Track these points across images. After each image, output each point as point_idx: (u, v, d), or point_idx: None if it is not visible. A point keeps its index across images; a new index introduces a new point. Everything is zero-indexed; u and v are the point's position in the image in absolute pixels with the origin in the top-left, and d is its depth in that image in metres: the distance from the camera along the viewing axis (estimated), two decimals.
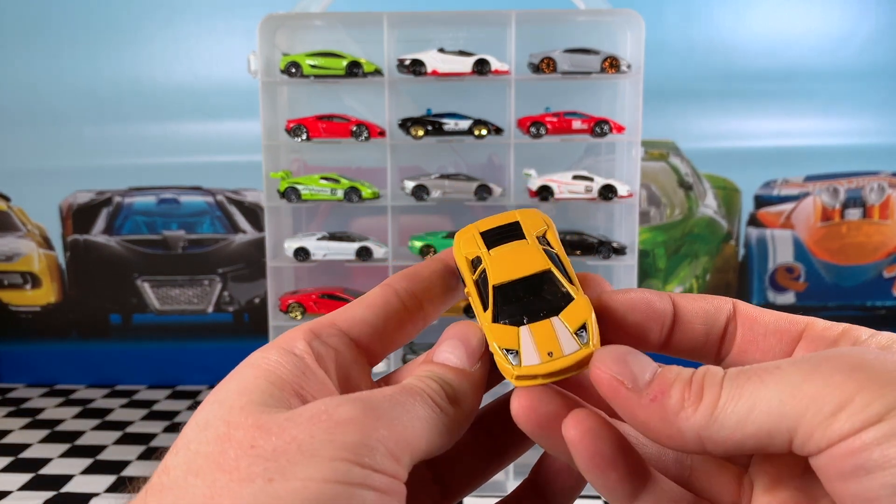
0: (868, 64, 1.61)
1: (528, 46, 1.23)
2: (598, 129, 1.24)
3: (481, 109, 1.27)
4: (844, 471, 0.21)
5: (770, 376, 0.22)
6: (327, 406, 0.23)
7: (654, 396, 0.24)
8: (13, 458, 1.31)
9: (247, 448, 0.22)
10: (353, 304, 0.30)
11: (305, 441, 0.22)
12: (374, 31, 1.23)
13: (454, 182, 1.26)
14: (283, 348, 0.26)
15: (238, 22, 1.62)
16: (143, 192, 1.70)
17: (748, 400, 0.22)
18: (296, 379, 0.25)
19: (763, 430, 0.22)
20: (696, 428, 0.23)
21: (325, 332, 0.28)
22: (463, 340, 0.29)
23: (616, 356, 0.25)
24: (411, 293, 0.31)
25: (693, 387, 0.23)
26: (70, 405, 1.60)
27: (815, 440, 0.21)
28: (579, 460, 0.25)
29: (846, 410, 0.21)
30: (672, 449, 0.25)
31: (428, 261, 0.33)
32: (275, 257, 1.28)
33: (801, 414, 0.21)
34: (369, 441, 0.22)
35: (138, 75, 1.65)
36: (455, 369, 0.28)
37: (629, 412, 0.24)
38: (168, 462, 0.23)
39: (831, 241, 1.68)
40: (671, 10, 1.59)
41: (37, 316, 1.75)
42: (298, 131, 1.25)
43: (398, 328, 0.30)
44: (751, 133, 1.65)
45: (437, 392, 0.26)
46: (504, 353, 0.26)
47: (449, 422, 0.26)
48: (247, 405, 0.23)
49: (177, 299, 1.73)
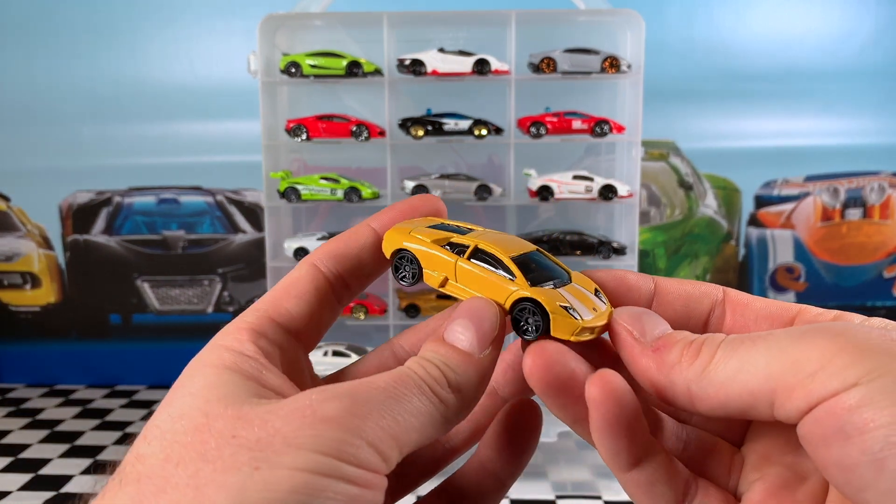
0: (868, 64, 1.61)
1: (528, 46, 1.23)
2: (598, 129, 1.24)
3: (481, 109, 1.27)
4: (826, 435, 0.21)
5: (762, 341, 0.24)
6: (311, 401, 0.23)
7: (657, 348, 0.26)
8: (13, 458, 1.31)
9: (228, 438, 0.22)
10: (282, 294, 0.29)
11: (290, 434, 0.22)
12: (374, 31, 1.23)
13: (454, 182, 1.26)
14: (233, 349, 0.26)
15: (238, 22, 1.62)
16: (143, 192, 1.70)
17: (738, 361, 0.24)
18: (257, 374, 0.25)
19: (747, 389, 0.23)
20: (686, 381, 0.25)
21: (269, 331, 0.28)
22: (476, 322, 0.27)
23: (633, 313, 0.27)
24: (338, 275, 0.30)
25: (693, 346, 0.25)
26: (70, 405, 1.60)
27: (794, 401, 0.22)
28: (596, 420, 0.25)
29: (825, 370, 0.21)
30: (663, 401, 0.26)
31: (358, 230, 0.31)
32: (275, 257, 1.28)
33: (783, 373, 0.22)
34: (353, 439, 0.22)
35: (138, 75, 1.65)
36: (462, 353, 0.27)
37: (632, 359, 0.26)
38: (141, 450, 0.22)
39: (831, 241, 1.68)
40: (671, 10, 1.59)
41: (37, 316, 1.75)
42: (298, 131, 1.25)
43: (329, 313, 0.30)
44: (751, 133, 1.65)
45: (437, 380, 0.26)
46: (564, 309, 0.27)
47: (447, 412, 0.26)
48: (224, 397, 0.23)
49: (177, 299, 1.73)
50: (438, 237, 0.31)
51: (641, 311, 0.27)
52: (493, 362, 0.28)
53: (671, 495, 0.27)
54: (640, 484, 0.27)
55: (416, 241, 0.31)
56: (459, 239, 0.31)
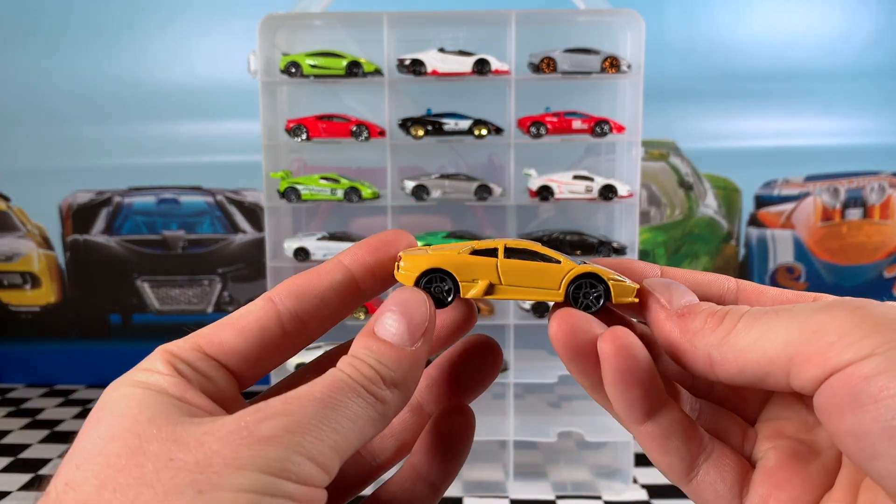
0: (868, 64, 1.61)
1: (528, 46, 1.23)
2: (598, 129, 1.23)
3: (481, 109, 1.27)
4: (841, 404, 0.21)
5: (784, 312, 0.24)
6: (247, 422, 0.22)
7: (683, 314, 0.27)
8: (13, 458, 1.31)
9: (165, 461, 0.21)
10: (225, 325, 0.27)
11: (229, 456, 0.21)
12: (374, 31, 1.22)
13: (454, 182, 1.26)
14: (151, 369, 0.25)
15: (238, 22, 1.62)
16: (143, 192, 1.70)
17: (759, 330, 0.24)
18: (181, 393, 0.24)
19: (765, 356, 0.24)
20: (707, 345, 0.25)
21: (190, 358, 0.26)
22: (405, 314, 0.27)
23: (663, 283, 0.29)
24: (295, 315, 0.28)
25: (717, 315, 0.26)
26: (70, 405, 1.60)
27: (810, 369, 0.22)
28: (609, 373, 0.26)
29: (842, 341, 0.22)
30: (683, 366, 0.27)
31: (327, 267, 0.29)
32: (275, 257, 1.28)
33: (801, 342, 0.23)
34: (294, 456, 0.22)
35: (138, 75, 1.65)
36: (394, 348, 0.26)
37: (658, 324, 0.28)
38: (71, 476, 0.22)
39: (832, 241, 1.68)
40: (671, 10, 1.59)
41: (37, 316, 1.75)
42: (298, 131, 1.25)
43: (276, 354, 0.28)
44: (751, 133, 1.65)
45: (372, 379, 0.25)
46: (619, 277, 0.29)
47: (385, 409, 0.25)
48: (153, 418, 0.23)
49: (177, 299, 1.73)
50: (458, 248, 0.30)
51: (670, 281, 0.29)
52: (426, 353, 0.27)
53: (685, 451, 0.27)
54: (656, 437, 0.27)
55: (444, 256, 0.29)
56: (481, 245, 0.30)
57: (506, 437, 1.25)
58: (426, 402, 0.33)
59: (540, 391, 1.44)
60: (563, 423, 1.29)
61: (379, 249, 0.30)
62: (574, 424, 1.28)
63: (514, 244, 0.30)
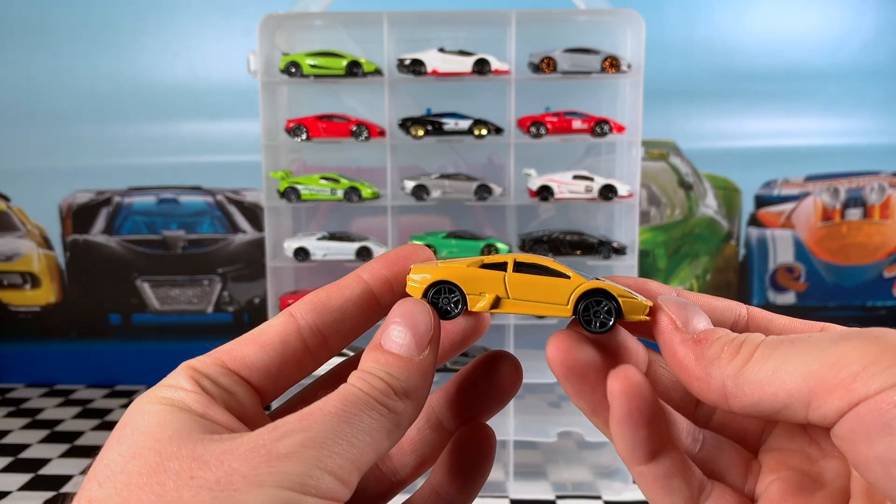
0: (868, 64, 1.61)
1: (528, 46, 1.23)
2: (598, 128, 1.23)
3: (481, 109, 1.27)
4: (870, 431, 0.21)
5: (801, 342, 0.24)
6: (265, 440, 0.23)
7: (699, 339, 0.26)
8: (13, 458, 1.31)
9: (186, 479, 0.22)
10: (247, 340, 0.28)
11: (249, 474, 0.22)
12: (373, 31, 1.22)
13: (454, 182, 1.26)
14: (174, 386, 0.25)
15: (238, 22, 1.62)
16: (143, 192, 1.70)
17: (776, 360, 0.24)
18: (203, 410, 0.25)
19: (784, 388, 0.23)
20: (723, 376, 0.25)
21: (214, 374, 0.27)
22: (411, 325, 0.27)
23: (679, 302, 0.28)
24: (315, 329, 0.29)
25: (734, 343, 0.25)
26: (70, 405, 1.60)
27: (834, 401, 0.22)
28: (616, 412, 0.26)
29: (868, 371, 0.22)
30: (695, 393, 0.26)
31: (346, 282, 0.30)
32: (274, 257, 1.28)
33: (823, 374, 0.22)
34: (313, 470, 0.22)
35: (138, 75, 1.65)
36: (402, 359, 0.27)
37: (671, 349, 0.26)
38: (94, 494, 0.22)
39: (832, 241, 1.68)
40: (671, 10, 1.59)
41: (37, 316, 1.75)
42: (298, 131, 1.25)
43: (297, 368, 0.29)
44: (751, 133, 1.65)
45: (383, 391, 0.26)
46: (632, 293, 0.29)
47: (399, 419, 0.26)
48: (175, 436, 0.23)
49: (176, 299, 1.73)
50: (467, 261, 0.30)
51: (686, 301, 0.28)
52: (433, 362, 0.28)
53: (686, 490, 0.27)
54: (657, 477, 0.27)
55: (452, 269, 0.29)
56: (491, 259, 0.30)
57: (506, 437, 1.25)
58: (445, 419, 0.33)
59: (540, 391, 1.44)
60: (563, 423, 1.29)
61: (396, 263, 0.30)
62: (574, 424, 1.28)
63: (524, 259, 0.30)
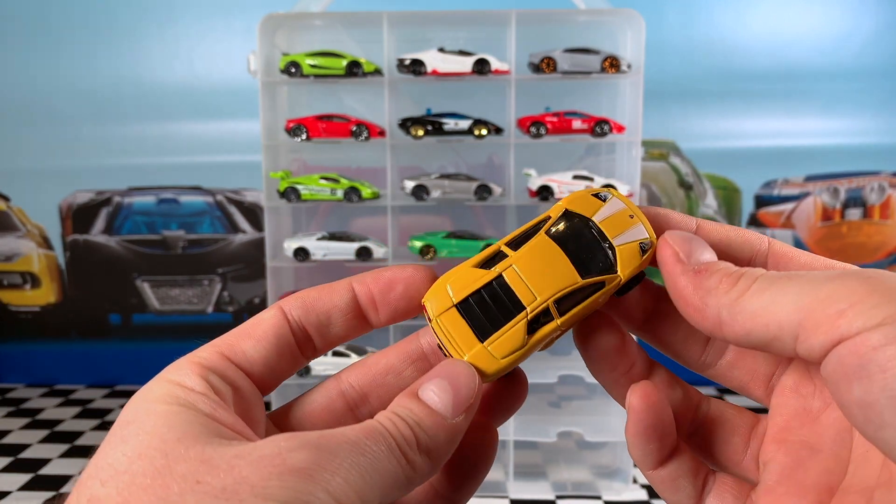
0: (868, 64, 1.61)
1: (528, 46, 1.23)
2: (598, 129, 1.23)
3: (481, 109, 1.27)
4: (848, 373, 0.21)
5: (798, 278, 0.24)
6: (280, 449, 0.22)
7: (698, 270, 0.27)
8: (13, 458, 1.31)
9: (192, 483, 0.21)
10: (243, 334, 0.28)
11: (258, 483, 0.21)
12: (374, 31, 1.22)
13: (454, 182, 1.26)
14: (182, 384, 0.25)
15: (238, 22, 1.62)
16: (143, 192, 1.70)
17: (771, 293, 0.24)
18: (212, 412, 0.24)
19: (775, 320, 0.24)
20: (719, 305, 0.26)
21: (221, 368, 0.27)
22: (453, 385, 0.27)
23: (683, 235, 0.28)
24: (301, 325, 0.29)
25: (732, 276, 0.26)
26: (70, 405, 1.60)
27: (818, 336, 0.22)
28: (633, 425, 0.28)
29: (853, 309, 0.22)
30: (691, 321, 0.27)
31: (337, 287, 0.30)
32: (274, 257, 1.28)
33: (812, 308, 0.23)
34: (320, 492, 0.22)
35: (138, 75, 1.65)
36: (436, 415, 0.26)
37: (672, 278, 0.27)
38: (96, 492, 0.22)
39: (832, 241, 1.68)
40: (671, 10, 1.59)
41: (36, 316, 1.75)
42: (298, 131, 1.25)
43: (290, 361, 0.29)
44: (751, 133, 1.65)
45: (407, 440, 0.25)
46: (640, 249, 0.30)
47: (413, 474, 0.25)
48: (183, 437, 0.23)
49: (176, 299, 1.73)
50: (516, 336, 0.30)
51: (691, 235, 0.28)
52: (464, 428, 0.27)
53: (691, 488, 0.30)
54: (665, 479, 0.30)
55: (512, 358, 0.30)
56: (533, 311, 0.30)
57: (506, 437, 1.25)
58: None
59: (540, 391, 1.44)
60: (563, 423, 1.29)
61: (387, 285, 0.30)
62: (574, 424, 1.28)
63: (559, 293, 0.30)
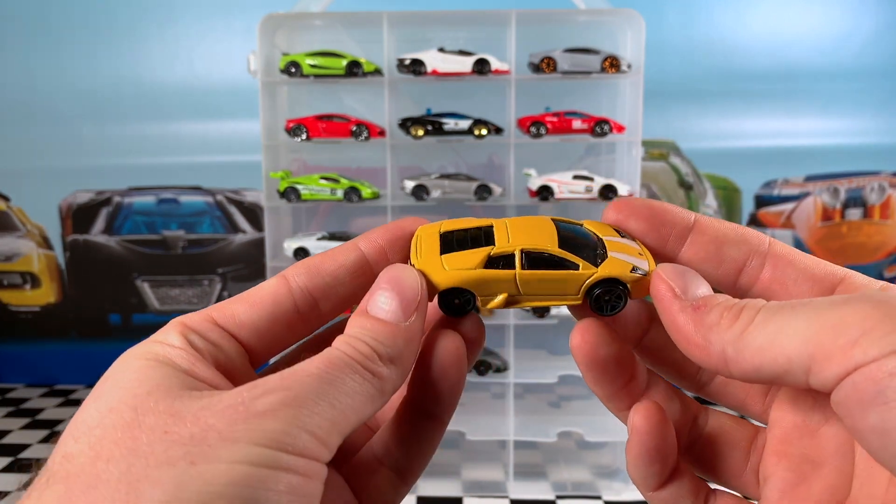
0: (868, 64, 1.61)
1: (528, 46, 1.23)
2: (598, 128, 1.23)
3: (481, 109, 1.27)
4: (864, 400, 0.21)
5: (802, 307, 0.23)
6: (244, 398, 0.22)
7: (698, 306, 0.26)
8: (13, 458, 1.31)
9: (160, 433, 0.21)
10: (238, 299, 0.28)
11: (225, 430, 0.21)
12: (374, 31, 1.22)
13: (454, 182, 1.26)
14: (162, 341, 0.26)
15: (238, 22, 1.62)
16: (143, 192, 1.70)
17: (777, 325, 0.23)
18: (188, 366, 0.25)
19: (784, 353, 0.23)
20: (723, 342, 0.24)
21: (204, 329, 0.27)
22: (398, 290, 0.27)
23: (677, 269, 0.27)
24: (307, 292, 0.29)
25: (733, 309, 0.25)
26: (70, 405, 1.60)
27: (832, 366, 0.22)
28: (636, 447, 0.27)
29: (867, 337, 0.21)
30: (696, 360, 0.26)
31: (342, 249, 0.30)
32: (274, 257, 1.28)
33: (823, 340, 0.22)
34: (291, 429, 0.22)
35: (138, 75, 1.65)
36: (389, 325, 0.26)
37: (670, 316, 0.26)
38: (69, 448, 0.22)
39: (832, 240, 1.68)
40: (671, 10, 1.59)
41: (36, 316, 1.75)
42: (298, 131, 1.25)
43: (287, 330, 0.29)
44: (751, 133, 1.65)
45: (368, 356, 0.25)
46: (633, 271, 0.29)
47: (383, 385, 0.25)
48: (153, 391, 0.23)
49: (176, 299, 1.73)
50: (474, 258, 0.29)
51: (685, 269, 0.27)
52: (420, 328, 0.27)
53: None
54: (666, 501, 0.29)
55: (458, 273, 0.29)
56: (499, 250, 0.29)
57: (506, 437, 1.25)
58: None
59: (540, 391, 1.44)
60: (563, 423, 1.29)
61: (394, 233, 0.31)
62: (574, 424, 1.28)
63: (532, 247, 0.29)
